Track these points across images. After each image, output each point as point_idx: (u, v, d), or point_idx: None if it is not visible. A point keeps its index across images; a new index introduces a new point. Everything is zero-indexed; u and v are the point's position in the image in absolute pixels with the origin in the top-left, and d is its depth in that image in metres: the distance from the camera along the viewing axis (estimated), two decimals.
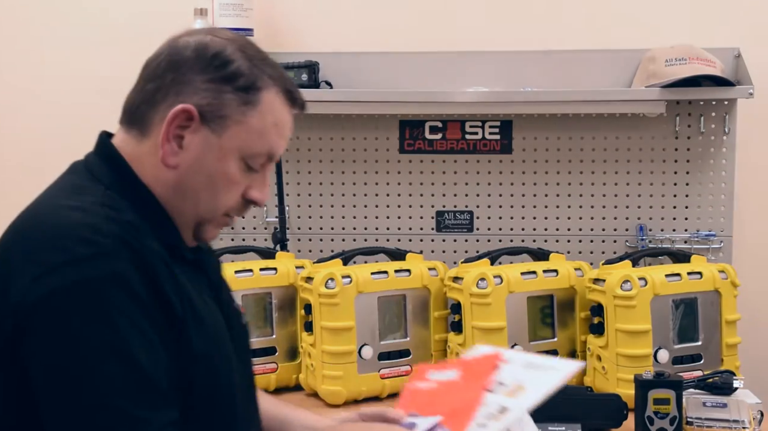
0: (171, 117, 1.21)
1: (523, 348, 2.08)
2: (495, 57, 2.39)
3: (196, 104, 1.21)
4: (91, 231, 1.12)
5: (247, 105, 1.23)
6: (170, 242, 1.23)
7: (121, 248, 1.12)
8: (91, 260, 1.10)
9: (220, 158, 1.23)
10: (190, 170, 1.23)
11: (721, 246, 2.38)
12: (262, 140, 1.25)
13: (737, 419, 1.81)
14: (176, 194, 1.25)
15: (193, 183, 1.24)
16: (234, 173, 1.24)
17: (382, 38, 2.46)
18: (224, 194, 1.25)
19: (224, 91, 1.22)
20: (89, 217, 1.14)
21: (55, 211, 1.17)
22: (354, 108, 2.37)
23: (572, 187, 2.42)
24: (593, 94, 2.30)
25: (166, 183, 1.24)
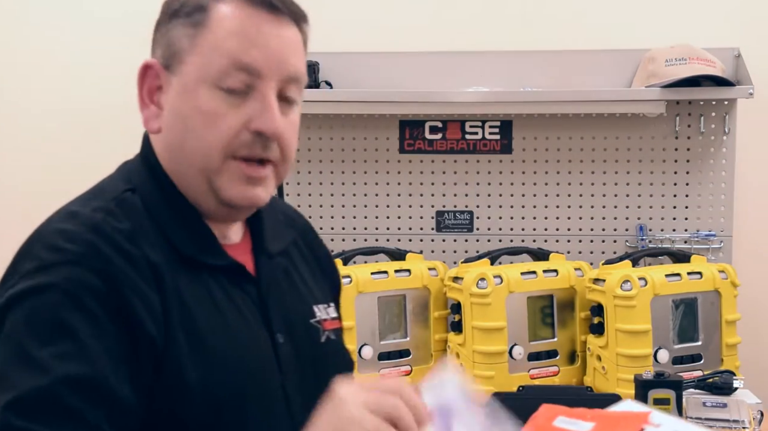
0: (138, 79, 1.13)
1: (523, 350, 2.08)
2: (495, 57, 2.39)
3: (158, 57, 1.13)
4: (64, 239, 1.04)
5: (195, 28, 1.10)
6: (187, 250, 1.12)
7: (88, 257, 1.03)
8: (52, 268, 1.02)
9: (186, 94, 1.10)
10: (169, 124, 1.13)
11: (721, 246, 2.38)
12: (220, 54, 1.09)
13: (737, 419, 1.81)
14: (173, 161, 1.14)
15: (175, 136, 1.12)
16: (208, 104, 1.09)
17: (382, 38, 2.46)
18: (208, 132, 1.10)
19: (173, 28, 1.12)
20: (73, 224, 1.06)
21: (54, 217, 1.11)
22: (354, 108, 2.37)
23: (572, 187, 2.42)
24: (593, 94, 2.30)
25: (164, 156, 1.15)
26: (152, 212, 1.12)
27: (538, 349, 2.11)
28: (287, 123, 1.14)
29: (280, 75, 1.13)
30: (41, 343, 0.98)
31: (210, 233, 1.16)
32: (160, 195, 1.14)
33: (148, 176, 1.15)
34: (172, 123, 1.13)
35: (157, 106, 1.14)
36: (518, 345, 2.08)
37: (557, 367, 2.13)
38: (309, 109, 2.36)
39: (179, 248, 1.11)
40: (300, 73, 1.18)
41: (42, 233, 1.09)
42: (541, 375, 2.10)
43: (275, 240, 1.24)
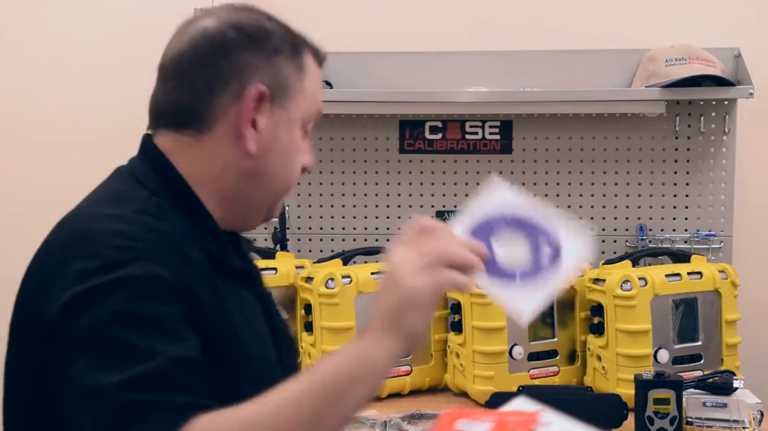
0: (249, 101, 1.16)
1: (523, 350, 2.08)
2: (495, 57, 2.39)
3: (265, 86, 1.17)
4: (124, 238, 1.07)
5: (299, 72, 1.21)
6: (215, 254, 1.17)
7: (154, 254, 1.06)
8: (126, 264, 1.04)
9: (290, 129, 1.21)
10: (268, 151, 1.19)
11: (721, 246, 2.38)
12: (315, 102, 1.24)
13: (737, 419, 1.81)
14: (250, 181, 1.20)
15: (271, 164, 1.20)
16: (299, 141, 1.22)
17: (382, 38, 2.46)
18: (296, 165, 1.23)
19: (280, 64, 1.19)
20: (125, 225, 1.09)
21: (93, 220, 1.12)
22: (354, 108, 2.37)
23: (572, 187, 2.42)
24: (593, 94, 2.30)
25: (243, 173, 1.19)
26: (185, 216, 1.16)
27: (538, 349, 2.11)
28: None
29: None
30: (137, 332, 1.01)
31: (225, 239, 1.22)
32: (179, 201, 1.17)
33: (162, 181, 1.18)
34: (272, 151, 1.20)
35: (255, 129, 1.18)
36: (518, 345, 2.08)
37: (557, 367, 2.13)
38: None
39: (209, 251, 1.16)
40: None
41: (91, 234, 1.09)
42: (541, 375, 2.10)
43: (246, 246, 1.33)
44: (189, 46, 1.18)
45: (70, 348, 1.03)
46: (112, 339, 1.01)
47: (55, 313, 1.05)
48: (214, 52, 1.17)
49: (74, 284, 1.04)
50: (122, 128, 1.92)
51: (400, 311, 1.02)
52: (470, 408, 1.88)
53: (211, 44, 1.17)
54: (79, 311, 1.03)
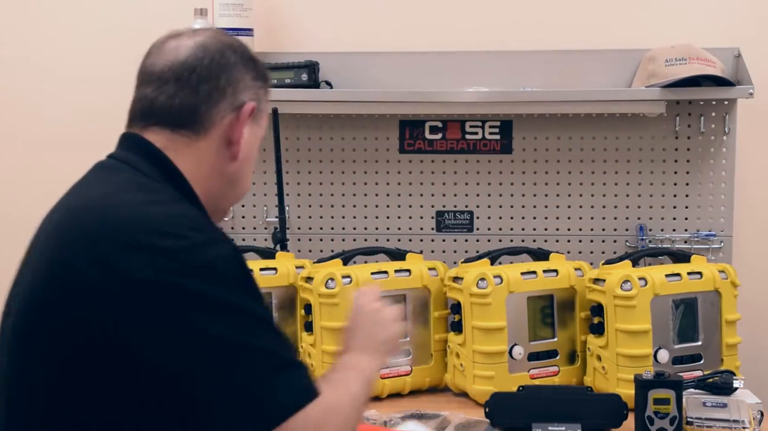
0: (245, 114, 1.32)
1: (523, 350, 2.08)
2: (495, 57, 2.39)
3: (251, 100, 1.34)
4: (194, 221, 1.20)
5: (267, 95, 1.40)
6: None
7: (221, 234, 1.23)
8: (212, 244, 1.17)
9: (258, 143, 1.39)
10: (245, 159, 1.35)
11: (721, 246, 2.38)
12: (265, 124, 1.42)
13: (737, 419, 1.82)
14: (231, 184, 1.36)
15: (244, 171, 1.37)
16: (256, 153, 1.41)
17: (382, 38, 2.46)
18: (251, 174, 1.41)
19: (261, 87, 1.37)
20: (183, 209, 1.23)
21: (137, 205, 1.20)
22: (354, 108, 2.37)
23: (572, 187, 2.42)
24: (593, 94, 2.30)
25: (225, 176, 1.34)
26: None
27: (538, 349, 2.11)
28: None
29: None
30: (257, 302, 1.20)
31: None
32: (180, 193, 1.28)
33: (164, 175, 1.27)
34: (246, 160, 1.36)
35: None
36: (518, 345, 2.08)
37: (557, 367, 2.13)
38: (309, 109, 2.37)
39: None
40: None
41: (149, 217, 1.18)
42: (541, 375, 2.10)
43: None
44: (190, 57, 1.31)
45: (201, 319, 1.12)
46: (241, 309, 1.16)
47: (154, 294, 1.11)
48: (216, 66, 1.31)
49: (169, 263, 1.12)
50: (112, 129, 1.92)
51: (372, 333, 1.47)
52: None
53: (213, 59, 1.31)
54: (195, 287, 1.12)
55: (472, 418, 1.93)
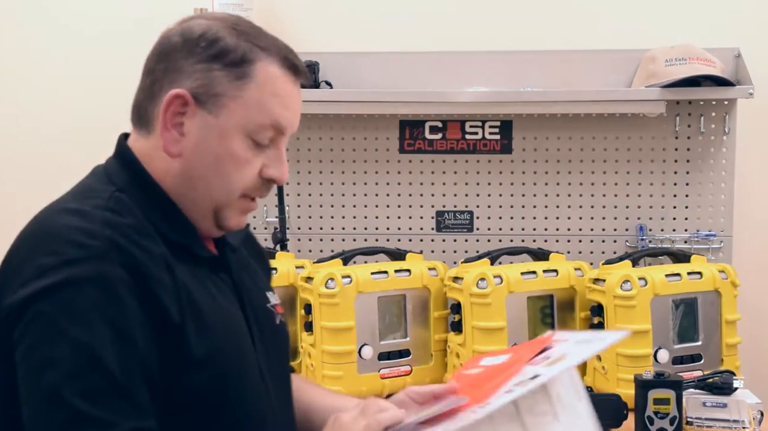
0: (165, 105, 1.20)
1: None
2: (495, 57, 2.39)
3: (189, 88, 1.20)
4: (84, 235, 1.11)
5: (241, 80, 1.20)
6: (179, 242, 1.21)
7: (111, 251, 1.10)
8: (81, 262, 1.08)
9: (222, 137, 1.21)
10: (194, 155, 1.21)
11: (721, 246, 2.38)
12: (262, 112, 1.21)
13: (737, 419, 1.82)
14: (185, 183, 1.23)
15: (200, 168, 1.22)
16: (240, 151, 1.21)
17: (382, 38, 2.46)
18: (235, 175, 1.22)
19: (214, 70, 1.20)
20: (85, 221, 1.13)
21: (57, 215, 1.16)
22: (354, 108, 2.37)
23: (572, 187, 2.42)
24: (593, 94, 2.30)
25: (175, 174, 1.22)
26: (143, 211, 1.19)
27: None
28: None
29: (293, 132, 1.28)
30: (89, 335, 1.06)
31: (194, 229, 1.26)
32: (145, 195, 1.22)
33: (130, 177, 1.23)
34: (197, 155, 1.22)
35: (179, 134, 1.22)
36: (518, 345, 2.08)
37: None
38: (309, 109, 2.35)
39: (173, 241, 1.20)
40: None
41: (51, 230, 1.14)
42: None
43: (233, 236, 1.34)
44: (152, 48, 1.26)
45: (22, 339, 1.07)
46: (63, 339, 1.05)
47: (15, 306, 1.09)
48: (157, 55, 1.24)
49: (37, 278, 1.08)
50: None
51: None
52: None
53: (159, 48, 1.24)
54: (34, 309, 1.07)
55: None
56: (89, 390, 1.04)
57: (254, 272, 1.39)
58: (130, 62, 1.38)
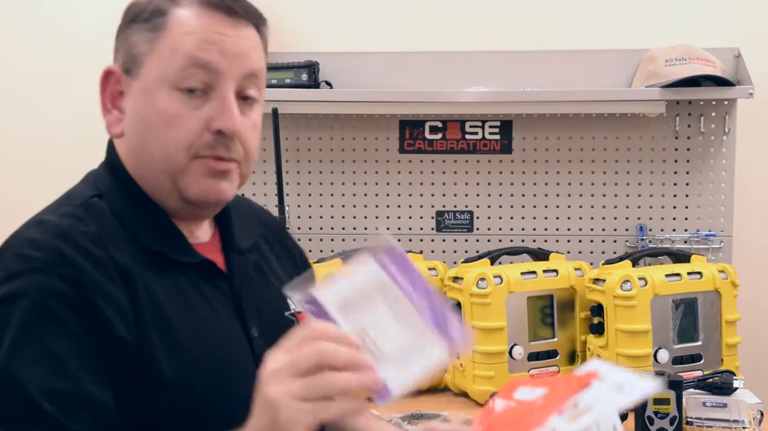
0: (100, 85, 1.17)
1: (523, 350, 2.08)
2: (495, 57, 2.39)
3: (119, 63, 1.16)
4: (30, 247, 1.06)
5: (154, 32, 1.13)
6: (155, 249, 1.14)
7: (53, 263, 1.04)
8: (18, 276, 1.03)
9: (147, 97, 1.13)
10: (130, 128, 1.15)
11: (721, 246, 2.38)
12: (176, 55, 1.12)
13: (737, 419, 1.81)
14: (135, 163, 1.16)
15: (136, 139, 1.15)
16: (167, 106, 1.12)
17: (382, 38, 2.46)
18: (169, 134, 1.12)
19: (131, 33, 1.15)
20: (38, 231, 1.08)
21: (24, 227, 1.12)
22: (354, 108, 2.37)
23: (572, 187, 2.42)
24: (593, 94, 2.30)
25: (126, 158, 1.17)
26: (119, 216, 1.14)
27: (538, 349, 2.11)
28: (247, 122, 1.17)
29: (238, 73, 1.15)
30: (12, 354, 0.99)
31: (178, 232, 1.19)
32: (127, 198, 1.17)
33: (113, 180, 1.18)
34: (133, 127, 1.15)
35: (120, 111, 1.17)
36: (518, 345, 2.08)
37: (557, 367, 2.13)
38: (309, 109, 2.37)
39: (148, 248, 1.13)
40: (258, 69, 1.19)
41: (10, 244, 1.10)
42: (541, 375, 2.10)
43: (244, 237, 1.27)
44: None
45: None
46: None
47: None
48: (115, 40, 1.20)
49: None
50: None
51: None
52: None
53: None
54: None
55: (472, 418, 1.93)
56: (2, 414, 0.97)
57: (273, 273, 1.30)
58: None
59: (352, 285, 0.97)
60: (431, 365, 0.96)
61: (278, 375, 0.89)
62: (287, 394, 0.88)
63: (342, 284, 0.96)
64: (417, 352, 0.96)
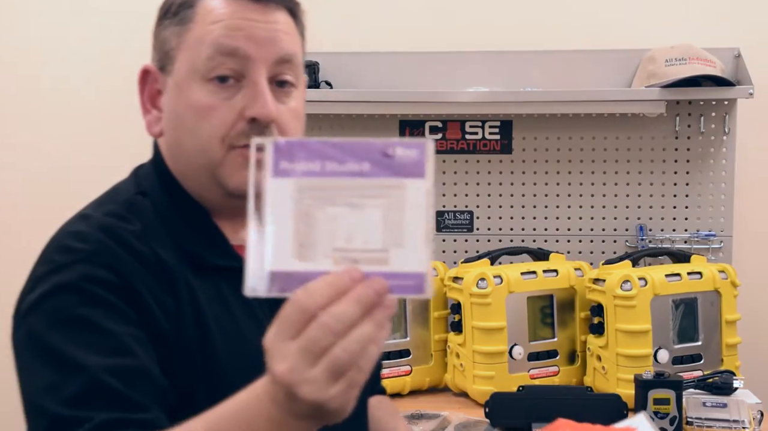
0: (138, 85, 1.16)
1: (523, 350, 2.08)
2: (495, 57, 2.39)
3: (154, 61, 1.15)
4: (76, 239, 1.06)
5: (182, 25, 1.12)
6: (193, 251, 1.12)
7: (98, 254, 1.04)
8: (66, 268, 1.04)
9: (180, 91, 1.11)
10: (167, 125, 1.14)
11: (721, 246, 2.38)
12: (203, 45, 1.10)
13: (737, 419, 1.81)
14: (175, 161, 1.15)
15: (173, 136, 1.14)
16: (200, 98, 1.10)
17: (382, 38, 2.46)
18: (202, 125, 1.10)
19: (163, 30, 1.14)
20: (84, 225, 1.09)
21: (68, 222, 1.12)
22: (354, 108, 2.37)
23: (572, 187, 2.42)
24: (593, 94, 2.30)
25: (168, 158, 1.16)
26: (162, 215, 1.13)
27: (538, 349, 2.11)
28: (284, 108, 1.14)
29: (269, 58, 1.12)
30: (70, 341, 0.99)
31: (219, 234, 1.17)
32: (169, 198, 1.15)
33: (158, 179, 1.17)
34: (170, 124, 1.14)
35: (158, 110, 1.16)
36: (518, 345, 2.08)
37: (557, 367, 2.13)
38: (309, 109, 2.34)
39: (188, 250, 1.12)
40: (291, 53, 1.17)
41: (55, 238, 1.10)
42: (541, 375, 2.10)
43: None
44: None
45: (16, 356, 1.05)
46: (45, 351, 1.00)
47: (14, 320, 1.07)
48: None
49: (30, 292, 1.06)
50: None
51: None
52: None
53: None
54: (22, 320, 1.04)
55: (472, 418, 1.93)
56: (70, 397, 0.96)
57: None
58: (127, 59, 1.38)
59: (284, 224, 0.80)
60: (423, 210, 0.79)
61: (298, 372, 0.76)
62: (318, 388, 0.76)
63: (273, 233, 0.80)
64: (399, 212, 0.79)
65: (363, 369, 0.76)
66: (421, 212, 0.79)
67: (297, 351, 0.76)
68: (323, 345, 0.75)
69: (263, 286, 0.80)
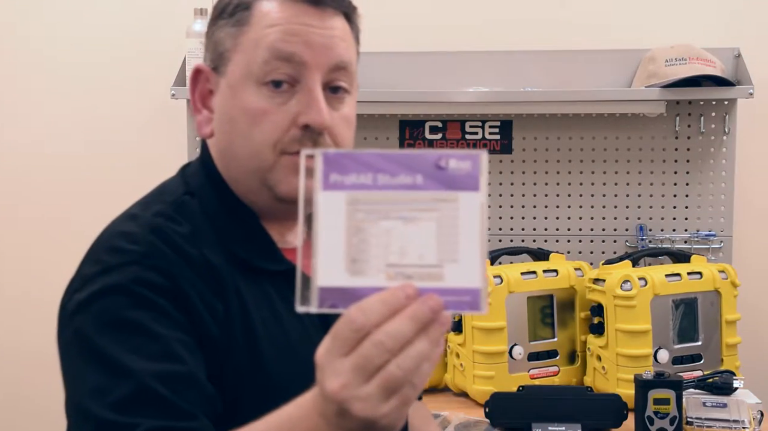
0: (189, 84, 1.16)
1: (523, 350, 2.08)
2: (495, 57, 2.39)
3: (207, 61, 1.15)
4: (126, 240, 1.05)
5: (238, 27, 1.11)
6: (240, 254, 1.11)
7: (148, 256, 1.03)
8: (116, 269, 1.03)
9: (234, 94, 1.11)
10: (218, 127, 1.13)
11: (721, 246, 2.38)
12: (259, 48, 1.09)
13: (737, 419, 1.81)
14: (225, 164, 1.14)
15: (224, 138, 1.12)
16: (254, 102, 1.09)
17: (382, 38, 2.46)
18: (255, 130, 1.09)
19: (218, 30, 1.13)
20: (133, 226, 1.08)
21: (116, 221, 1.12)
22: None
23: (572, 187, 2.42)
24: (593, 94, 2.30)
25: (217, 158, 1.15)
26: (210, 216, 1.12)
27: (538, 349, 2.11)
28: (337, 115, 1.13)
29: (325, 64, 1.11)
30: (118, 344, 0.99)
31: (267, 237, 1.16)
32: (218, 199, 1.15)
33: (206, 180, 1.16)
34: (221, 126, 1.13)
35: (210, 111, 1.15)
36: (518, 345, 2.08)
37: (557, 367, 2.13)
38: None
39: (236, 253, 1.11)
40: (346, 61, 1.15)
41: (104, 237, 1.09)
42: (541, 375, 2.10)
43: None
44: None
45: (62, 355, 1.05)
46: (92, 353, 1.00)
47: (61, 319, 1.06)
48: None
49: (78, 291, 1.04)
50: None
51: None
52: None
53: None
54: (70, 319, 1.04)
55: (472, 418, 1.93)
56: (116, 401, 0.96)
57: None
58: (128, 59, 1.38)
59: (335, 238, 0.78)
60: (477, 224, 0.78)
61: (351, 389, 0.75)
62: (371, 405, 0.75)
63: (324, 247, 0.78)
64: (453, 226, 0.78)
65: (417, 386, 0.76)
66: (475, 225, 0.78)
67: (350, 368, 0.75)
68: (377, 362, 0.75)
69: (314, 302, 0.78)
